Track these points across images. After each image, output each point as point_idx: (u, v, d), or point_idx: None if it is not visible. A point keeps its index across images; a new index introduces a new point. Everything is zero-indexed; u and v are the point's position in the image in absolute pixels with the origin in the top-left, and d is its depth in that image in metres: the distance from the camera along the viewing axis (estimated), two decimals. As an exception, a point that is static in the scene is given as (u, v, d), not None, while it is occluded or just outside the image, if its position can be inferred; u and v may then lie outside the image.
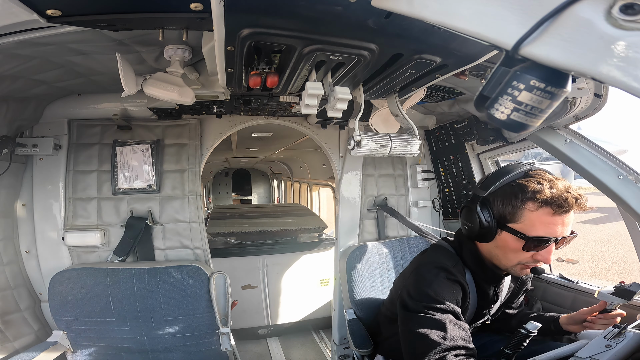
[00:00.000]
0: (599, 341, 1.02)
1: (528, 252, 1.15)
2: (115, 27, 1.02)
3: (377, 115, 1.87)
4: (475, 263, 1.30)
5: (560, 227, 1.11)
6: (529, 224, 1.13)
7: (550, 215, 1.11)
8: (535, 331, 1.10)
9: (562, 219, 1.11)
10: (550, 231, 1.11)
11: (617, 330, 1.04)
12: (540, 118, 0.53)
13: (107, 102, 2.02)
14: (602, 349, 0.99)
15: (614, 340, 1.00)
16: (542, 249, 1.13)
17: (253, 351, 3.16)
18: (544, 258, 1.14)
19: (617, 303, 1.28)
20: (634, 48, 0.41)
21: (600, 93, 1.40)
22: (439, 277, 1.22)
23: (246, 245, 3.54)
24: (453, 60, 1.15)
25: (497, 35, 0.52)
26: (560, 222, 1.11)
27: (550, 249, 1.13)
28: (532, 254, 1.15)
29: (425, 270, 1.27)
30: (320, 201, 6.22)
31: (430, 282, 1.21)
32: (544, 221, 1.11)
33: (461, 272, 1.27)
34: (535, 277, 1.96)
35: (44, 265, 2.00)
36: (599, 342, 1.02)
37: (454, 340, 1.10)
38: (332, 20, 0.87)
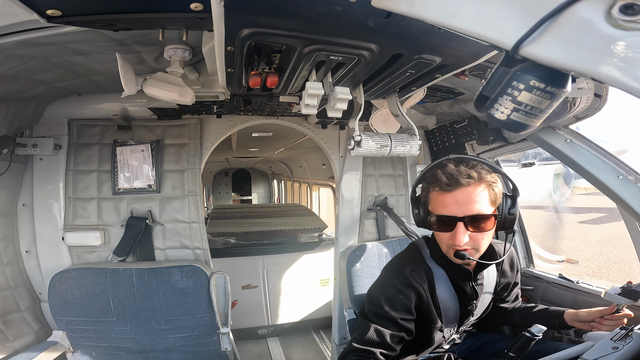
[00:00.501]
0: (605, 343, 1.01)
1: (446, 234, 1.20)
2: (115, 27, 1.02)
3: (377, 115, 1.87)
4: (442, 258, 1.33)
5: (454, 205, 1.16)
6: (433, 205, 1.23)
7: (442, 194, 1.19)
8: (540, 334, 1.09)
9: (453, 196, 1.16)
10: (446, 209, 1.18)
11: (624, 332, 1.03)
12: (540, 118, 0.53)
13: (107, 102, 2.02)
14: (608, 350, 0.98)
15: (620, 342, 0.99)
16: (450, 229, 1.18)
17: (253, 351, 3.16)
18: (455, 239, 1.17)
19: (624, 303, 1.26)
20: (634, 48, 0.41)
21: (600, 93, 1.40)
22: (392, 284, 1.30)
23: (246, 245, 3.54)
24: (453, 60, 1.15)
25: (497, 35, 0.52)
26: (451, 199, 1.17)
27: (457, 229, 1.16)
28: (449, 235, 1.19)
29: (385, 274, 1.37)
30: (320, 201, 6.22)
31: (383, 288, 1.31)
32: (440, 200, 1.20)
33: (420, 276, 1.31)
34: (535, 277, 1.97)
35: (44, 265, 2.00)
36: (605, 344, 1.00)
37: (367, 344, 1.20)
38: (332, 20, 0.87)
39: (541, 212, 10.81)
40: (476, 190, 1.16)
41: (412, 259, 1.38)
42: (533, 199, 8.75)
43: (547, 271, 1.98)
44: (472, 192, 1.16)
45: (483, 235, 1.19)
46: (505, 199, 1.23)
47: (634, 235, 1.58)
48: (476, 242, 1.19)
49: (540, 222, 10.45)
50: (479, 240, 1.19)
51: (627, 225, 1.58)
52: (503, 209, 1.22)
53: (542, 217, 10.66)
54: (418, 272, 1.32)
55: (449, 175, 1.17)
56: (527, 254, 2.12)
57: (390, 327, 1.23)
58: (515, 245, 2.11)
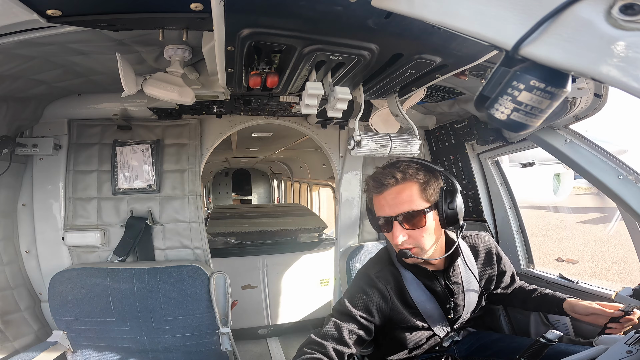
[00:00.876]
0: (619, 347, 0.97)
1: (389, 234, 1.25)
2: (115, 27, 1.02)
3: (377, 115, 1.87)
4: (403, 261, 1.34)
5: (386, 206, 1.23)
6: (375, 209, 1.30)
7: (376, 197, 1.26)
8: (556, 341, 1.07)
9: (384, 197, 1.23)
10: (381, 211, 1.25)
11: (638, 335, 0.99)
12: (540, 118, 0.53)
13: (107, 102, 2.02)
14: (623, 355, 0.94)
15: (635, 346, 0.95)
16: (389, 229, 1.23)
17: (253, 351, 3.16)
18: (393, 237, 1.22)
19: (634, 305, 1.23)
20: (634, 48, 0.41)
21: (600, 93, 1.40)
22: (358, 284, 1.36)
23: (246, 245, 3.54)
24: (453, 60, 1.15)
25: (497, 35, 0.52)
26: (383, 200, 1.23)
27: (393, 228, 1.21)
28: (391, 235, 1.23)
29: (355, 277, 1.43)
30: (320, 201, 6.22)
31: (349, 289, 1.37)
32: (376, 204, 1.27)
33: (386, 277, 1.35)
34: (536, 277, 1.96)
35: (44, 265, 2.00)
36: (619, 348, 0.97)
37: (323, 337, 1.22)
38: (332, 20, 0.87)
39: (541, 212, 10.82)
40: (403, 188, 1.21)
41: (379, 261, 1.44)
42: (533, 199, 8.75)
43: (547, 271, 1.98)
44: (400, 191, 1.21)
45: (421, 232, 1.22)
46: (444, 195, 1.25)
47: (634, 235, 1.57)
48: (416, 239, 1.22)
49: (541, 222, 10.45)
50: (418, 238, 1.22)
51: (627, 225, 1.58)
52: (442, 205, 1.24)
53: (542, 217, 10.67)
54: (383, 274, 1.36)
55: (375, 178, 1.25)
56: (527, 254, 2.12)
57: (349, 323, 1.25)
58: (514, 243, 2.11)
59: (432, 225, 1.24)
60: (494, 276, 1.52)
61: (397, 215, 1.21)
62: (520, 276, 2.04)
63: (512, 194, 2.20)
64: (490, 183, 2.25)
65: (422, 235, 1.22)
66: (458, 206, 1.24)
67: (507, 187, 2.21)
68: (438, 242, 1.31)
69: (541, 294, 1.54)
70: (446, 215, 1.24)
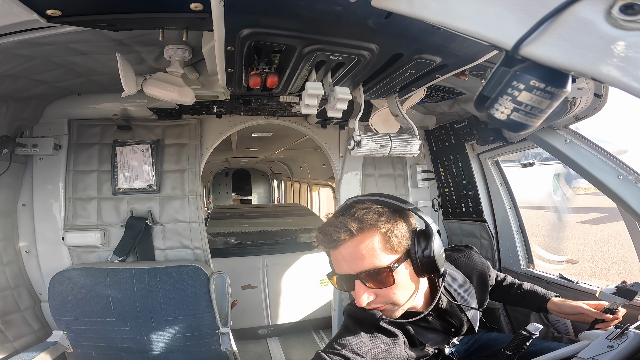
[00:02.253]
0: (600, 342, 1.02)
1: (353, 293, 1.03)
2: (115, 27, 1.02)
3: (377, 115, 1.87)
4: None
5: (342, 263, 1.01)
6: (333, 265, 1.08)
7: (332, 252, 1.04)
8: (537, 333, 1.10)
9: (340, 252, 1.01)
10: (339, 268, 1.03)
11: (619, 330, 1.03)
12: (540, 118, 0.53)
13: (107, 102, 2.02)
14: (604, 349, 0.98)
15: (616, 341, 1.00)
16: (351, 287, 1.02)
17: (253, 351, 3.16)
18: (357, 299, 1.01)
19: (618, 303, 1.28)
20: (634, 48, 0.41)
21: (600, 93, 1.40)
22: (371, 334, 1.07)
23: (246, 245, 3.54)
24: (453, 60, 1.15)
25: (497, 35, 0.52)
26: (340, 256, 1.01)
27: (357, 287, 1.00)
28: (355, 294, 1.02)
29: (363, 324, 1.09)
30: (320, 201, 6.22)
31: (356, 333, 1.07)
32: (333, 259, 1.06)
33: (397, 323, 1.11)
34: (535, 277, 1.97)
35: (44, 265, 2.00)
36: (600, 343, 1.01)
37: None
38: (332, 20, 0.87)
39: (541, 212, 10.81)
40: (362, 240, 0.98)
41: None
42: (533, 199, 8.76)
43: (547, 271, 1.98)
44: (357, 245, 0.98)
45: (390, 290, 0.99)
46: (417, 239, 1.02)
47: (634, 235, 1.57)
48: (386, 297, 1.00)
49: (541, 222, 10.45)
50: (388, 296, 1.00)
51: (627, 225, 1.58)
52: (416, 252, 1.01)
53: (542, 217, 10.67)
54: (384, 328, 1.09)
55: (325, 232, 1.01)
56: (527, 254, 2.12)
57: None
58: (514, 243, 2.11)
59: (405, 278, 1.02)
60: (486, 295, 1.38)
61: (358, 273, 0.99)
62: (520, 276, 2.04)
63: (512, 194, 2.20)
64: (490, 183, 2.26)
65: (392, 293, 1.00)
66: (436, 252, 1.00)
67: (507, 187, 2.21)
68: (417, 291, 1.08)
69: (522, 290, 1.50)
70: (421, 263, 1.01)
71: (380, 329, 1.07)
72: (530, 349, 1.14)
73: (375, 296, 1.00)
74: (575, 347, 1.10)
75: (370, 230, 0.98)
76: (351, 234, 0.97)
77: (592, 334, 1.17)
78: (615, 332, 1.03)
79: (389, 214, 1.02)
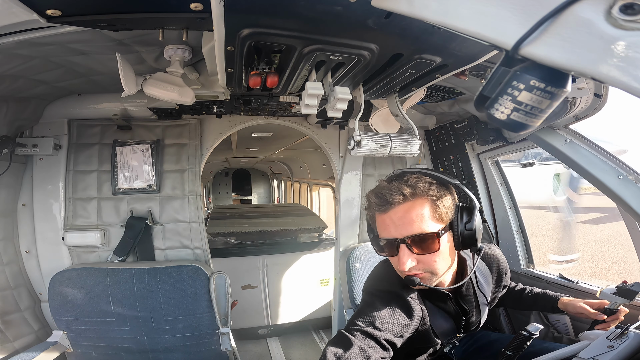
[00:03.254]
0: (601, 342, 1.02)
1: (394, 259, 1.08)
2: (115, 27, 1.02)
3: (377, 115, 1.87)
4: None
5: (391, 227, 1.05)
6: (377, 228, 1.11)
7: (380, 216, 1.08)
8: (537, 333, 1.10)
9: (389, 216, 1.05)
10: (386, 232, 1.06)
11: (619, 330, 1.04)
12: (540, 118, 0.53)
13: (107, 102, 2.02)
14: (604, 349, 0.98)
15: (616, 341, 1.00)
16: (395, 252, 1.06)
17: (253, 351, 3.16)
18: (399, 263, 1.05)
19: (619, 303, 1.28)
20: (634, 48, 0.41)
21: (600, 93, 1.40)
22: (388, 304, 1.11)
23: (246, 245, 3.54)
24: (453, 60, 1.15)
25: (497, 35, 0.52)
26: (388, 219, 1.05)
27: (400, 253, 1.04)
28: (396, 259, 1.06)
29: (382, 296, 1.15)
30: (320, 201, 6.22)
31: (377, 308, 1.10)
32: (379, 223, 1.09)
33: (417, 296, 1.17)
34: (536, 277, 1.97)
35: (44, 265, 2.00)
36: (601, 343, 1.01)
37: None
38: (332, 20, 0.87)
39: (541, 212, 10.81)
40: (413, 206, 1.03)
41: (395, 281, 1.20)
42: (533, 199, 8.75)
43: (547, 271, 1.98)
44: (408, 210, 1.03)
45: (432, 257, 1.04)
46: (461, 213, 1.07)
47: (634, 235, 1.57)
48: (427, 264, 1.05)
49: (541, 222, 10.45)
50: (429, 263, 1.05)
51: (627, 225, 1.58)
52: (457, 225, 1.06)
53: (542, 217, 10.66)
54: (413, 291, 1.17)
55: (378, 194, 1.06)
56: (527, 254, 2.12)
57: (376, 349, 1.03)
58: (514, 243, 2.12)
59: (446, 248, 1.07)
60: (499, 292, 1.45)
61: (405, 237, 1.03)
62: (520, 276, 2.04)
63: (512, 194, 2.20)
64: (490, 183, 2.26)
65: (434, 260, 1.05)
66: (477, 227, 1.06)
67: (507, 187, 2.21)
68: (452, 265, 1.14)
69: (533, 293, 1.53)
70: (462, 237, 1.06)
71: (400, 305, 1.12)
72: (530, 349, 1.14)
73: (417, 262, 1.04)
74: (575, 347, 1.10)
75: (422, 197, 1.03)
76: (405, 197, 1.02)
77: (593, 334, 1.18)
78: (615, 332, 1.04)
79: (438, 185, 1.06)
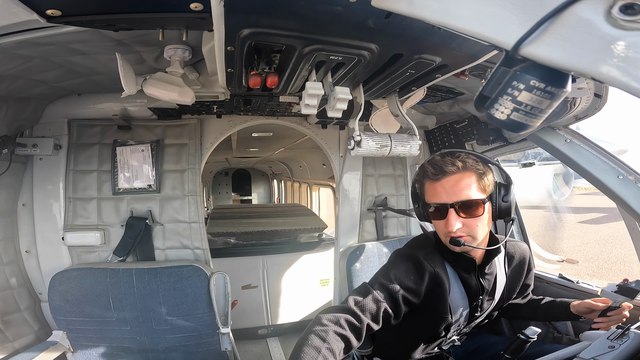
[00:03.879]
0: (602, 342, 1.02)
1: (441, 222, 1.25)
2: (115, 27, 1.02)
3: (377, 115, 1.87)
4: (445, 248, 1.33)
5: (443, 193, 1.22)
6: (427, 196, 1.29)
7: (432, 184, 1.26)
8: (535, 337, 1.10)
9: (442, 184, 1.23)
10: (437, 197, 1.24)
11: (620, 330, 1.04)
12: (540, 118, 0.53)
13: (107, 102, 2.02)
14: (605, 350, 0.98)
15: (617, 341, 1.00)
16: (443, 216, 1.23)
17: (253, 351, 3.16)
18: (448, 224, 1.21)
19: (620, 301, 1.27)
20: (634, 48, 0.41)
21: (600, 93, 1.40)
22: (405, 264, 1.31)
23: (246, 245, 3.54)
24: (453, 60, 1.15)
25: (497, 35, 0.52)
26: (440, 187, 1.23)
27: (449, 216, 1.21)
28: (443, 222, 1.23)
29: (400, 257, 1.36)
30: (320, 201, 6.22)
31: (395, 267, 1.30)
32: (431, 190, 1.27)
33: (434, 260, 1.32)
34: (536, 277, 1.96)
35: (44, 265, 2.00)
36: (602, 343, 1.01)
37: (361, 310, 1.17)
38: (332, 20, 0.87)
39: (541, 212, 10.81)
40: (463, 177, 1.21)
41: (424, 245, 1.40)
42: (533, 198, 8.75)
43: (547, 271, 1.98)
44: (459, 179, 1.21)
45: (476, 221, 1.21)
46: (499, 188, 1.26)
47: (634, 235, 1.58)
48: (470, 228, 1.21)
49: (540, 222, 10.45)
50: (472, 227, 1.21)
51: (627, 225, 1.58)
52: (496, 197, 1.25)
53: (542, 217, 10.67)
54: (432, 257, 1.33)
55: (434, 165, 1.24)
56: (527, 254, 2.12)
57: (388, 301, 1.22)
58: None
59: (487, 216, 1.24)
60: (518, 286, 1.50)
61: (455, 202, 1.20)
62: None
63: (512, 194, 2.19)
64: (490, 183, 2.25)
65: (476, 225, 1.21)
66: (512, 199, 1.26)
67: (507, 187, 2.21)
68: (487, 234, 1.30)
69: (547, 302, 1.54)
70: (500, 207, 1.25)
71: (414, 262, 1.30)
72: (530, 350, 1.14)
73: (462, 225, 1.21)
74: (576, 348, 1.10)
75: (471, 170, 1.22)
76: (457, 169, 1.21)
77: (593, 335, 1.17)
78: (616, 332, 1.04)
79: (482, 162, 1.26)
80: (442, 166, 1.22)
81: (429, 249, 1.36)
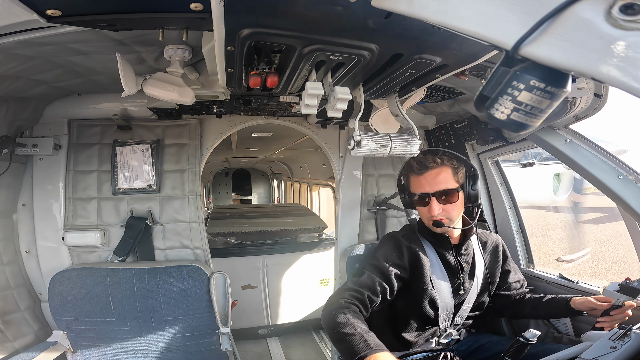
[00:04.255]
0: (603, 342, 1.01)
1: (424, 208, 1.51)
2: (115, 27, 1.02)
3: (377, 115, 1.87)
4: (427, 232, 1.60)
5: (426, 185, 1.49)
6: (412, 187, 1.56)
7: (416, 177, 1.53)
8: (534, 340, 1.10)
9: (425, 177, 1.50)
10: (421, 188, 1.51)
11: (622, 331, 1.03)
12: (540, 118, 0.53)
13: (107, 102, 2.02)
14: (607, 350, 0.98)
15: (619, 342, 0.99)
16: (426, 203, 1.50)
17: (253, 351, 3.16)
18: (431, 210, 1.48)
19: (622, 300, 1.27)
20: (634, 48, 0.41)
21: (600, 93, 1.40)
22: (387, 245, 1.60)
23: (246, 245, 3.54)
24: (453, 60, 1.15)
25: (497, 35, 0.52)
26: (424, 180, 1.50)
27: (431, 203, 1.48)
28: (427, 209, 1.50)
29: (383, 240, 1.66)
30: (320, 201, 6.22)
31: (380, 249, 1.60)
32: (415, 182, 1.54)
33: (410, 238, 1.60)
34: (536, 277, 1.97)
35: (44, 265, 2.00)
36: (603, 344, 1.01)
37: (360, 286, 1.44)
38: (332, 20, 0.87)
39: (541, 211, 10.81)
40: (441, 171, 1.48)
41: (404, 229, 1.73)
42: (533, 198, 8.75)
43: (547, 271, 1.98)
44: (439, 173, 1.48)
45: (453, 206, 1.49)
46: (468, 179, 1.52)
47: (634, 235, 1.57)
48: (447, 212, 1.48)
49: (540, 222, 10.45)
50: (449, 211, 1.49)
51: (627, 225, 1.58)
52: (467, 187, 1.51)
53: (542, 217, 10.66)
54: (409, 237, 1.61)
55: (418, 162, 1.52)
56: (527, 254, 2.12)
57: (380, 277, 1.46)
58: (514, 243, 2.12)
59: (460, 202, 1.51)
60: (497, 270, 1.67)
61: (436, 192, 1.47)
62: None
63: (512, 193, 2.20)
64: (490, 183, 2.26)
65: (453, 209, 1.49)
66: (478, 188, 1.53)
67: (507, 187, 2.21)
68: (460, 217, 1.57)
69: (548, 299, 1.58)
70: (469, 194, 1.52)
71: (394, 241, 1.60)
72: (531, 350, 1.14)
73: (442, 210, 1.48)
74: (578, 348, 1.10)
75: (447, 165, 1.50)
76: (437, 164, 1.49)
77: (595, 335, 1.17)
78: (618, 332, 1.03)
79: (456, 159, 1.53)
80: (424, 162, 1.49)
81: (408, 231, 1.67)
